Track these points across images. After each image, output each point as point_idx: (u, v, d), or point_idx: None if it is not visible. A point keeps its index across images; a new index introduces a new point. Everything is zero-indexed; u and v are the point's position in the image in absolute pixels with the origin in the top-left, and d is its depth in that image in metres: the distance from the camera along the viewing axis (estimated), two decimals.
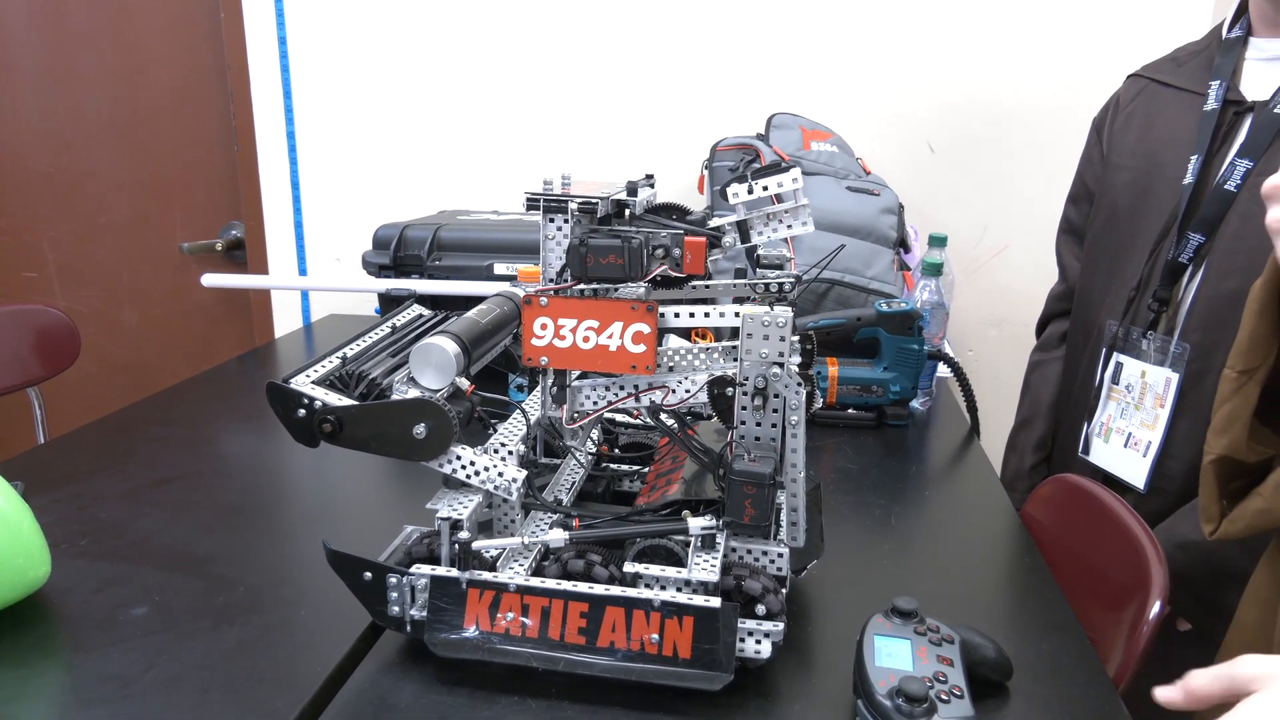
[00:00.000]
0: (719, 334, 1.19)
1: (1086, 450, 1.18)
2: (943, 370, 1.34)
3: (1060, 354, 1.30)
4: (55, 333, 1.73)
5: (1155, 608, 0.79)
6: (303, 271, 2.05)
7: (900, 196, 1.56)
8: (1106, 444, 1.14)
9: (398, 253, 1.52)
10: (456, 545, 0.68)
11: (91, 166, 2.11)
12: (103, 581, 0.80)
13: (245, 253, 2.09)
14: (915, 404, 1.33)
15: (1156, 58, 1.21)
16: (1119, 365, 1.14)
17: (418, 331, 0.85)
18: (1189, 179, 1.06)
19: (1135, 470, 1.08)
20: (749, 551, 0.73)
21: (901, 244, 1.50)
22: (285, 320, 2.10)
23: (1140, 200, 1.13)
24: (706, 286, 0.78)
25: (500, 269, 1.48)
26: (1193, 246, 1.05)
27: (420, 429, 0.69)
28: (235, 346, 2.17)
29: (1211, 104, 1.06)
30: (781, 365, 0.67)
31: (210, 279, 1.71)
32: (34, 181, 2.12)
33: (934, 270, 1.34)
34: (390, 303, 1.51)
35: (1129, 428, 1.11)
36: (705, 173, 1.62)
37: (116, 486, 1.00)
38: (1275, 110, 1.00)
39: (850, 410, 1.28)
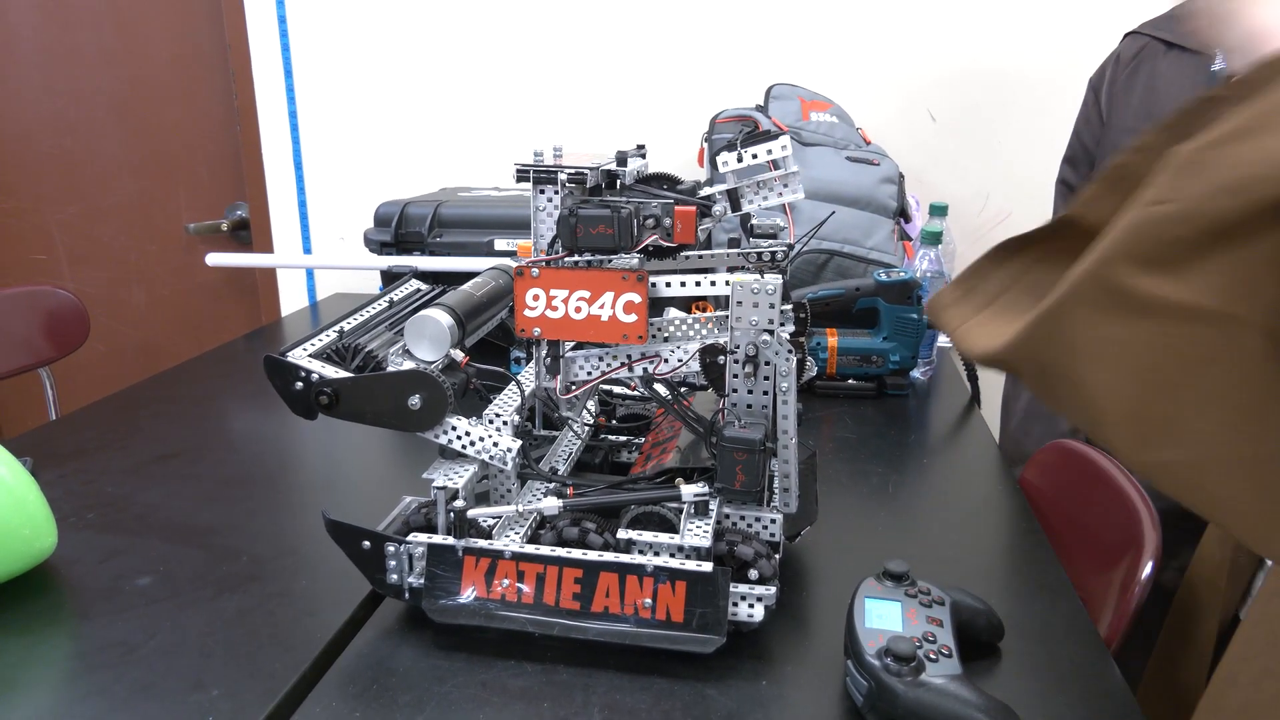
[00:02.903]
0: (718, 305, 1.20)
1: None
2: (944, 340, 1.34)
3: None
4: (65, 314, 1.74)
5: (1147, 569, 0.80)
6: (307, 250, 2.06)
7: (901, 166, 1.55)
8: None
9: (399, 230, 1.52)
10: (452, 514, 0.69)
11: (96, 148, 2.12)
12: (108, 552, 0.82)
13: (250, 233, 2.10)
14: (915, 373, 1.33)
15: (1154, 15, 1.20)
16: None
17: (414, 305, 0.86)
18: None
19: None
20: (742, 518, 0.73)
21: (902, 213, 1.50)
22: (291, 299, 2.11)
23: None
24: (700, 257, 0.79)
25: (500, 245, 1.49)
26: None
27: (415, 400, 0.70)
28: (242, 326, 2.18)
29: (1219, 63, 1.05)
30: (772, 333, 0.68)
31: (215, 258, 1.72)
32: (39, 163, 2.13)
33: (933, 239, 1.34)
34: (392, 280, 1.52)
35: None
36: (705, 145, 1.62)
37: (122, 461, 1.02)
38: None
39: (850, 381, 1.28)
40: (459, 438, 0.72)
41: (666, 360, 0.73)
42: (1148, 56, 1.17)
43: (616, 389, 0.98)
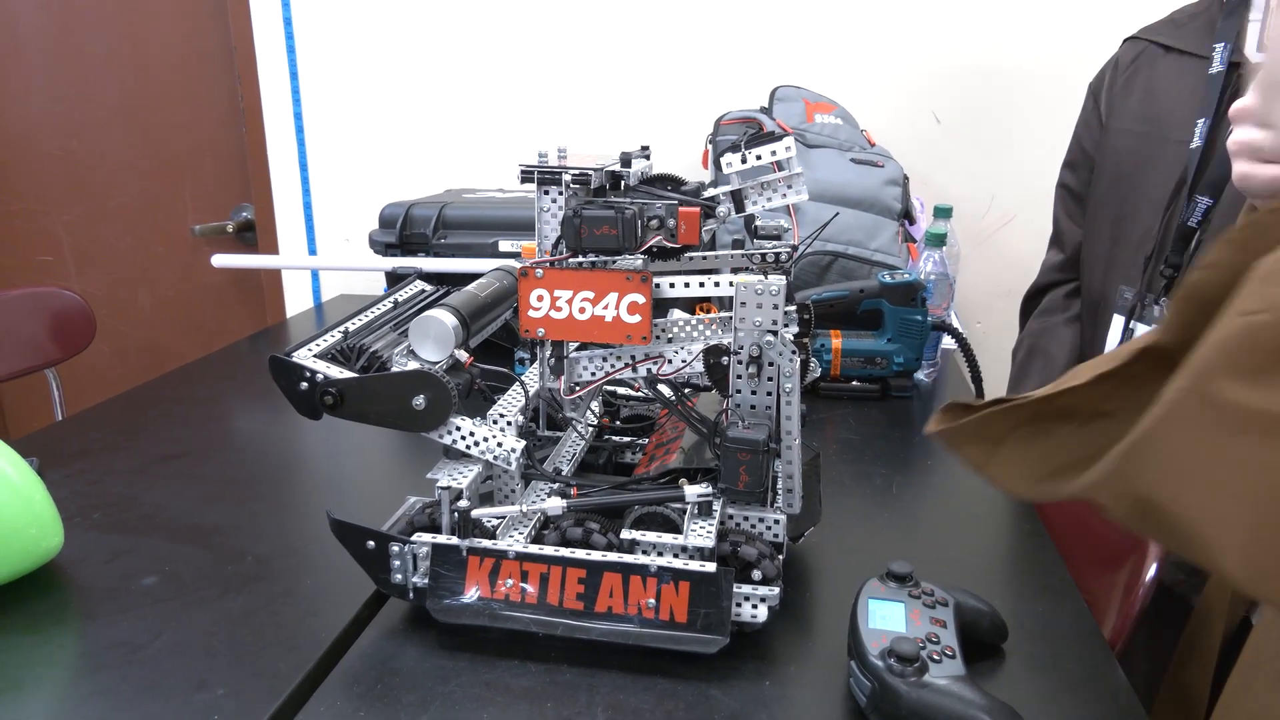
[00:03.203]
0: (722, 306, 1.20)
1: None
2: (948, 342, 1.34)
3: (1068, 316, 1.29)
4: (71, 315, 1.75)
5: (1151, 570, 0.80)
6: (312, 252, 2.07)
7: (906, 168, 1.55)
8: None
9: (404, 231, 1.53)
10: (456, 514, 0.69)
11: (102, 150, 2.12)
12: (114, 552, 0.82)
13: (255, 234, 2.10)
14: (919, 375, 1.33)
15: (1153, 20, 1.20)
16: (1130, 332, 1.13)
17: (419, 306, 0.86)
18: (1197, 142, 1.05)
19: None
20: (746, 518, 0.73)
21: (906, 215, 1.50)
22: (296, 301, 2.12)
23: (1144, 165, 1.13)
24: (704, 258, 0.79)
25: (505, 246, 1.49)
26: (1202, 210, 1.04)
27: (419, 400, 0.70)
28: (247, 327, 2.19)
29: (1217, 66, 1.05)
30: (775, 333, 0.68)
31: (220, 259, 1.73)
32: (46, 165, 2.14)
33: (937, 241, 1.34)
34: (397, 281, 1.52)
35: None
36: (709, 147, 1.62)
37: (128, 462, 1.02)
38: None
39: (854, 382, 1.28)
40: (463, 438, 0.73)
41: (670, 361, 0.73)
42: (1146, 61, 1.17)
43: (620, 390, 0.98)
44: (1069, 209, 1.30)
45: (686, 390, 0.84)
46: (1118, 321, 1.16)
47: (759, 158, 0.71)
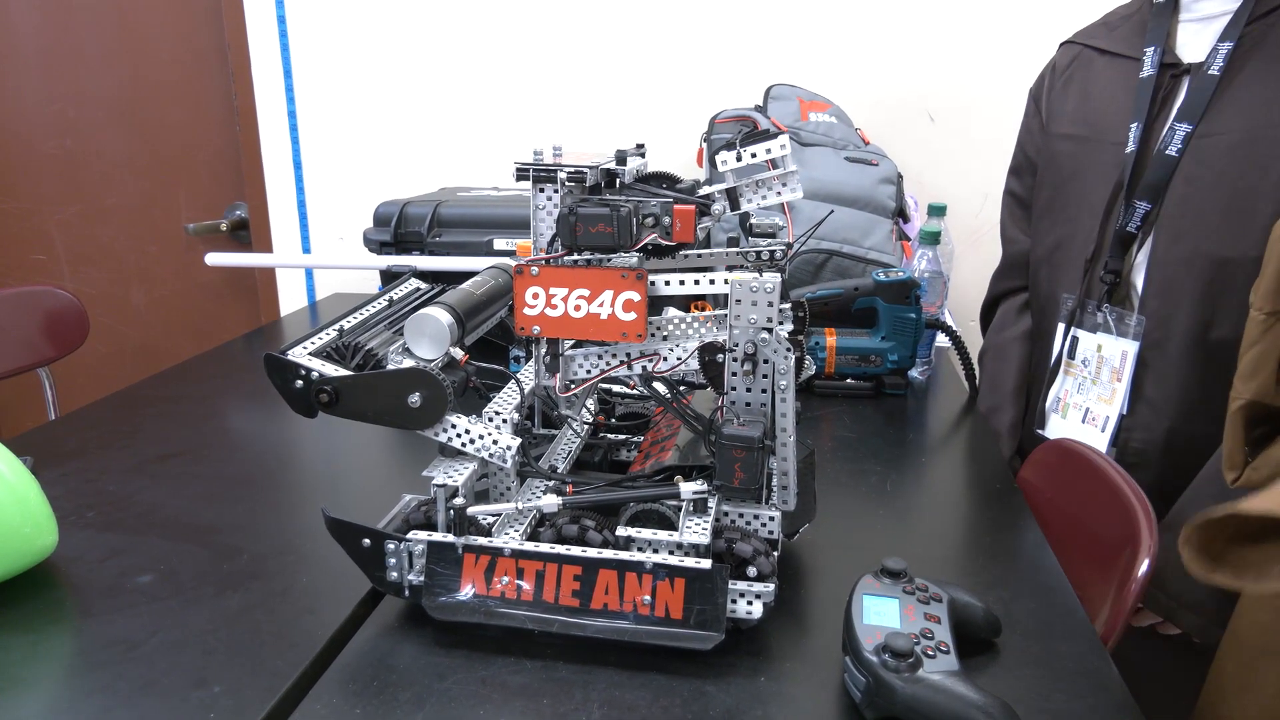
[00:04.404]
0: (717, 304, 1.20)
1: (1042, 425, 1.18)
2: (943, 340, 1.35)
3: (1017, 333, 1.29)
4: (65, 314, 1.74)
5: (1143, 566, 0.80)
6: (306, 250, 2.07)
7: (900, 166, 1.56)
8: (1064, 419, 1.14)
9: (398, 230, 1.53)
10: (452, 511, 0.69)
11: (97, 149, 2.12)
12: (109, 551, 0.82)
13: (250, 233, 2.10)
14: (914, 373, 1.33)
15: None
16: (1074, 339, 1.13)
17: (414, 304, 0.86)
18: (1131, 147, 1.05)
19: (1093, 445, 1.09)
20: (740, 515, 0.74)
21: (900, 214, 1.50)
22: (290, 299, 2.11)
23: (1083, 170, 1.12)
24: (699, 255, 0.79)
25: (500, 244, 1.49)
26: (1140, 214, 1.04)
27: (415, 398, 0.70)
28: (242, 326, 2.19)
29: (1148, 69, 1.06)
30: (770, 331, 0.68)
31: (214, 258, 1.72)
32: (40, 164, 2.13)
33: (931, 239, 1.34)
34: (392, 280, 1.52)
35: (1086, 402, 1.11)
36: (704, 145, 1.62)
37: (123, 461, 1.02)
38: (1211, 71, 0.99)
39: (849, 380, 1.29)
40: (459, 435, 0.73)
41: (665, 358, 0.74)
42: (1081, 64, 1.17)
43: (615, 387, 0.98)
44: (1014, 215, 1.31)
45: (682, 388, 0.84)
46: (1060, 329, 1.16)
47: (754, 155, 0.71)
